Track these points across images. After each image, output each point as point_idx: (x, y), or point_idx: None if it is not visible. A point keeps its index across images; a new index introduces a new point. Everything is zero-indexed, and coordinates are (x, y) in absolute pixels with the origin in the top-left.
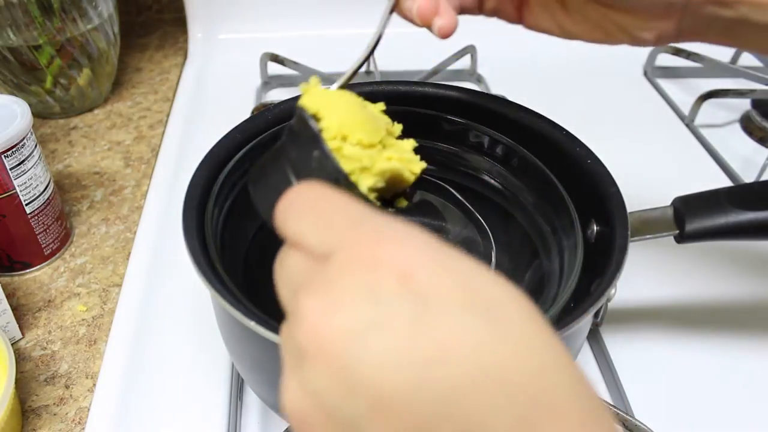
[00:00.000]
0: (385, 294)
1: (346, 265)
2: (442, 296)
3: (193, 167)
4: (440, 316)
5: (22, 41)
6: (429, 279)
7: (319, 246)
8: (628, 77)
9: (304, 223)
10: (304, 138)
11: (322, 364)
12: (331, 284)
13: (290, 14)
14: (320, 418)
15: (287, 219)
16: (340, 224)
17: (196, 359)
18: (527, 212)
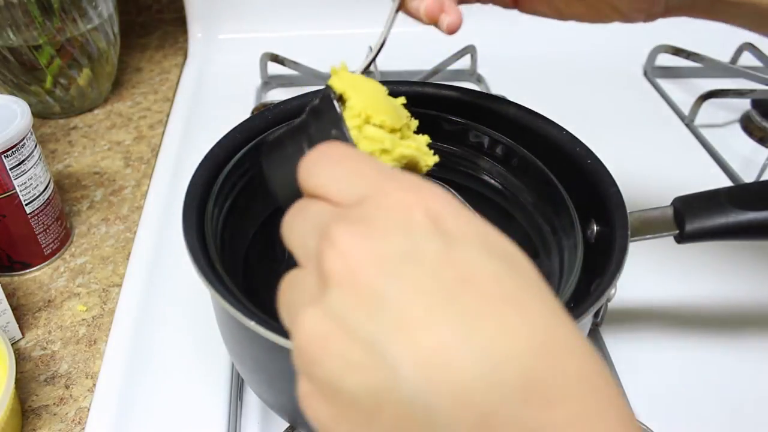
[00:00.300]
0: (417, 229)
1: (379, 205)
2: (468, 238)
3: (193, 167)
4: (465, 251)
5: (22, 41)
6: (456, 223)
7: (350, 193)
8: (628, 77)
9: (332, 174)
10: (326, 117)
11: (349, 286)
12: (364, 219)
13: (290, 14)
14: (340, 336)
15: (313, 172)
16: (371, 174)
17: (196, 359)
18: (527, 212)
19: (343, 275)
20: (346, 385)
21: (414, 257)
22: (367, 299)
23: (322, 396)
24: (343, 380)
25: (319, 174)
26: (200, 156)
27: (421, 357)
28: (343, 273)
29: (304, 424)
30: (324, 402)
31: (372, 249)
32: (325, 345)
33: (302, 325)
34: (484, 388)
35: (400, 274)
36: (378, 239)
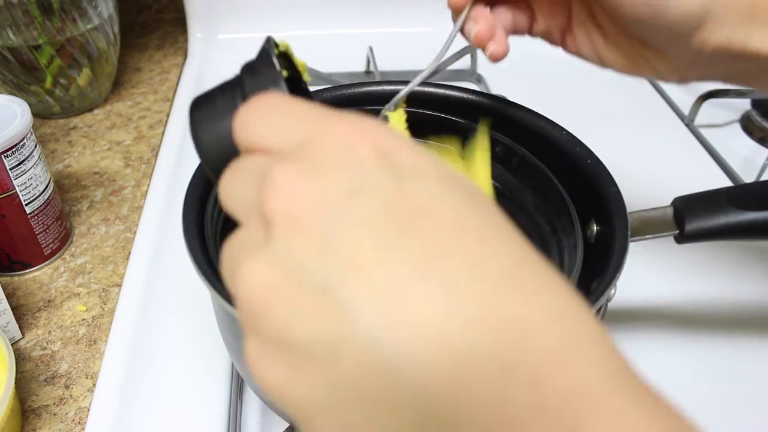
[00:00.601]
0: (365, 164)
1: (322, 144)
2: (421, 171)
3: (193, 167)
4: (419, 184)
5: (22, 41)
6: (407, 157)
7: (289, 140)
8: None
9: (269, 123)
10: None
11: (294, 227)
12: (306, 158)
13: (290, 14)
14: (287, 283)
15: (249, 124)
16: (310, 117)
17: (196, 359)
18: (527, 212)
19: (285, 216)
20: (298, 335)
21: (362, 192)
22: (313, 240)
23: (272, 355)
24: (294, 331)
25: (255, 125)
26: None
27: (377, 298)
28: (286, 213)
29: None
30: (275, 361)
31: (316, 186)
32: (271, 294)
33: (244, 277)
34: (451, 327)
35: (348, 211)
36: (322, 176)
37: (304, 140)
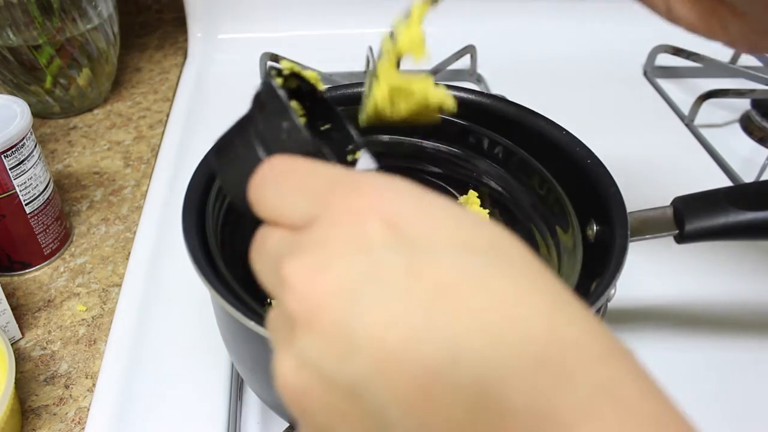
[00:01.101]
0: (374, 245)
1: (329, 224)
2: (433, 239)
3: (193, 167)
4: (434, 259)
5: (22, 41)
6: (416, 223)
7: (300, 215)
8: (628, 77)
9: (279, 195)
10: (272, 108)
11: (316, 330)
12: (315, 246)
13: (290, 14)
14: (319, 389)
15: (262, 196)
16: (316, 188)
17: (196, 359)
18: (527, 213)
19: (306, 317)
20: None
21: (377, 278)
22: (336, 340)
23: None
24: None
25: (266, 197)
26: (200, 156)
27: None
28: (305, 315)
29: None
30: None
31: (328, 282)
32: (308, 398)
33: (281, 376)
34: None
35: (366, 301)
36: (332, 269)
37: (314, 215)
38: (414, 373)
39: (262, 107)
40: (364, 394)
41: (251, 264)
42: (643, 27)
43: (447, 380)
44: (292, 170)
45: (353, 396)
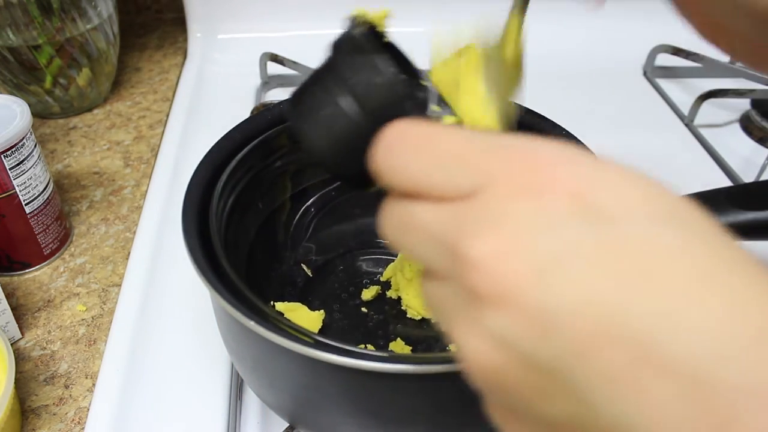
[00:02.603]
0: (561, 220)
1: (504, 197)
2: (625, 209)
3: (193, 167)
4: (627, 231)
5: (22, 41)
6: (600, 194)
7: (454, 186)
8: (628, 77)
9: (423, 164)
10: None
11: (512, 309)
12: (496, 221)
13: (290, 14)
14: (516, 367)
15: (397, 164)
16: (473, 156)
17: (196, 359)
18: None
19: (498, 298)
20: (537, 413)
21: (570, 255)
22: (534, 319)
23: (516, 419)
24: (533, 409)
25: (405, 166)
26: (200, 156)
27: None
28: (498, 295)
29: (304, 424)
30: (520, 425)
31: (520, 263)
32: (503, 376)
33: (471, 353)
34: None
35: (561, 278)
36: (522, 248)
37: (476, 186)
38: (617, 349)
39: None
40: (565, 371)
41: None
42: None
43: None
44: (431, 135)
45: (553, 373)
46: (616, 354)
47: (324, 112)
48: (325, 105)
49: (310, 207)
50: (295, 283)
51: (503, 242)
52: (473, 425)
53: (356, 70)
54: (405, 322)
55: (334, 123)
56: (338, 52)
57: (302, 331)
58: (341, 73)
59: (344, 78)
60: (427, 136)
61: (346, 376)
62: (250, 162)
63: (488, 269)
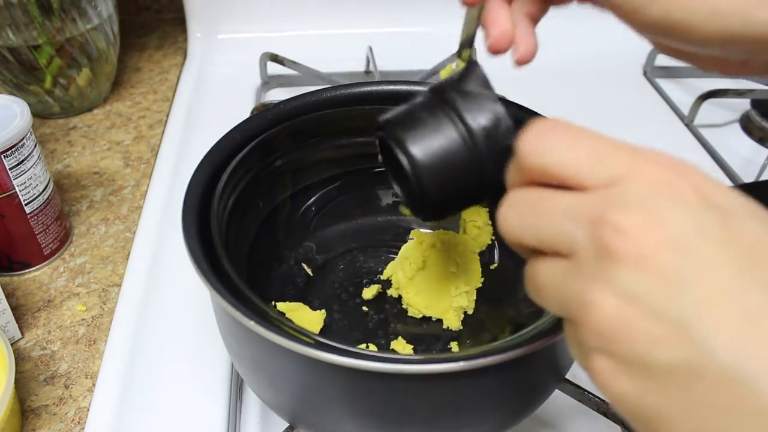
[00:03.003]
0: (693, 207)
1: (644, 186)
2: (738, 210)
3: (193, 167)
4: (743, 222)
5: (22, 41)
6: (722, 197)
7: (599, 175)
8: (627, 77)
9: (574, 153)
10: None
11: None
12: (639, 203)
13: (290, 14)
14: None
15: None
16: (617, 153)
17: (196, 359)
18: None
19: (634, 258)
20: (656, 361)
21: (700, 234)
22: (664, 279)
23: (624, 372)
24: (652, 357)
25: (555, 152)
26: (200, 156)
27: (733, 327)
28: (635, 256)
29: (304, 424)
30: (628, 377)
31: (657, 231)
32: (630, 326)
33: (597, 306)
34: None
35: (692, 251)
36: (660, 220)
37: (618, 177)
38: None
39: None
40: (689, 325)
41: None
42: None
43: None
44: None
45: (678, 327)
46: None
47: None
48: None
49: (310, 206)
50: (295, 282)
51: (647, 217)
52: (473, 425)
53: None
54: (406, 321)
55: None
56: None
57: (302, 332)
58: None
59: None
60: (578, 131)
61: (346, 376)
62: (250, 162)
63: (634, 235)
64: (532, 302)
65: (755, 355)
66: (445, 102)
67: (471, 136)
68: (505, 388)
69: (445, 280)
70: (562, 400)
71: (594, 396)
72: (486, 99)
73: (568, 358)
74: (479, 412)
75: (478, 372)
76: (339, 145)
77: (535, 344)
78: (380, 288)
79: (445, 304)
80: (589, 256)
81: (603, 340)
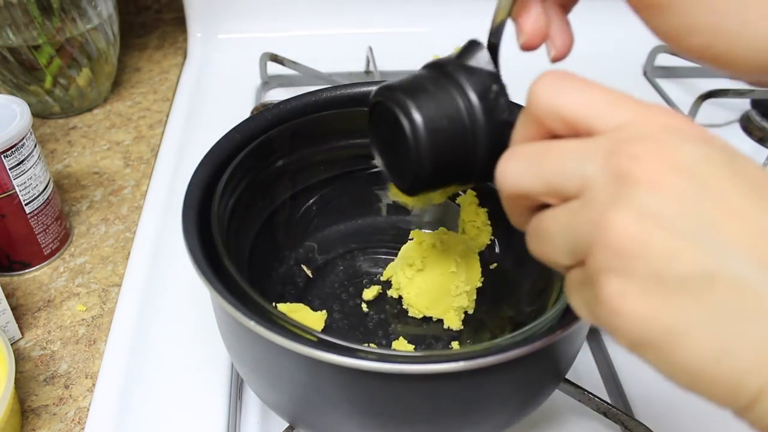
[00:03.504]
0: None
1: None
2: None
3: (193, 167)
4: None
5: (22, 41)
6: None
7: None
8: (628, 77)
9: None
10: (481, 71)
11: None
12: (652, 138)
13: (290, 14)
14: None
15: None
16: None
17: (196, 359)
18: None
19: (650, 180)
20: (674, 272)
21: (709, 163)
22: (681, 198)
23: (642, 290)
24: (670, 269)
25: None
26: (200, 156)
27: (747, 240)
28: (651, 178)
29: (304, 424)
30: (646, 295)
31: (671, 157)
32: (648, 240)
33: (615, 226)
34: None
35: (704, 175)
36: (671, 150)
37: (628, 121)
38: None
39: (468, 67)
40: (706, 236)
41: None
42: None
43: None
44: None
45: (695, 238)
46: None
47: (440, 103)
48: (441, 97)
49: (310, 207)
50: (295, 283)
51: (661, 149)
52: (473, 424)
53: (475, 83)
54: (406, 321)
55: (449, 111)
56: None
57: (306, 329)
58: (457, 79)
59: (459, 83)
60: (587, 81)
61: (346, 375)
62: (251, 162)
63: (650, 161)
64: (532, 301)
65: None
66: (447, 75)
67: (471, 107)
68: (505, 387)
69: (445, 280)
70: (562, 400)
71: (594, 396)
72: (486, 74)
73: (568, 358)
74: (480, 411)
75: (479, 371)
76: (339, 145)
77: (535, 344)
78: (380, 289)
79: (445, 305)
80: (603, 186)
81: (620, 259)
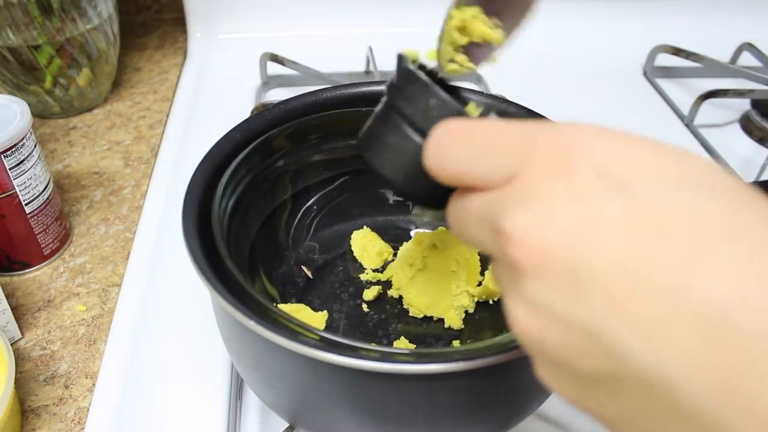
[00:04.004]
0: (587, 190)
1: (536, 176)
2: (647, 179)
3: (193, 167)
4: (652, 197)
5: (22, 41)
6: (625, 167)
7: (496, 173)
8: (628, 77)
9: (467, 158)
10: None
11: (546, 276)
12: (530, 198)
13: (290, 14)
14: (555, 330)
15: (444, 162)
16: (507, 144)
17: (196, 359)
18: None
19: (532, 267)
20: (580, 370)
21: (596, 223)
22: (565, 283)
23: (561, 377)
24: (576, 366)
25: (451, 162)
26: (200, 156)
27: (641, 331)
28: (532, 265)
29: (304, 424)
30: (565, 382)
31: (550, 229)
32: (544, 338)
33: (515, 319)
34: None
35: (589, 243)
36: (551, 216)
37: (513, 171)
38: (649, 304)
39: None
40: (602, 330)
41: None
42: (643, 27)
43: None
44: (470, 131)
45: (590, 333)
46: (644, 306)
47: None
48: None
49: (311, 207)
50: (295, 283)
51: (534, 216)
52: (474, 424)
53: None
54: (407, 321)
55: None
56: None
57: (308, 328)
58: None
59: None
60: (468, 130)
61: (347, 375)
62: (251, 162)
63: (523, 241)
64: None
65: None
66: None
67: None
68: (506, 386)
69: (445, 279)
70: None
71: None
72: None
73: None
74: (480, 410)
75: (479, 371)
76: (339, 145)
77: None
78: (381, 289)
79: (446, 304)
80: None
81: (532, 350)
